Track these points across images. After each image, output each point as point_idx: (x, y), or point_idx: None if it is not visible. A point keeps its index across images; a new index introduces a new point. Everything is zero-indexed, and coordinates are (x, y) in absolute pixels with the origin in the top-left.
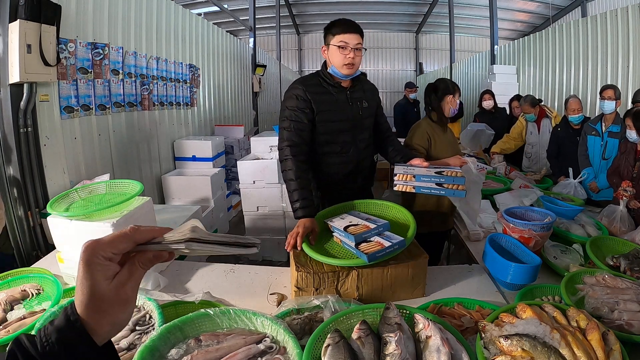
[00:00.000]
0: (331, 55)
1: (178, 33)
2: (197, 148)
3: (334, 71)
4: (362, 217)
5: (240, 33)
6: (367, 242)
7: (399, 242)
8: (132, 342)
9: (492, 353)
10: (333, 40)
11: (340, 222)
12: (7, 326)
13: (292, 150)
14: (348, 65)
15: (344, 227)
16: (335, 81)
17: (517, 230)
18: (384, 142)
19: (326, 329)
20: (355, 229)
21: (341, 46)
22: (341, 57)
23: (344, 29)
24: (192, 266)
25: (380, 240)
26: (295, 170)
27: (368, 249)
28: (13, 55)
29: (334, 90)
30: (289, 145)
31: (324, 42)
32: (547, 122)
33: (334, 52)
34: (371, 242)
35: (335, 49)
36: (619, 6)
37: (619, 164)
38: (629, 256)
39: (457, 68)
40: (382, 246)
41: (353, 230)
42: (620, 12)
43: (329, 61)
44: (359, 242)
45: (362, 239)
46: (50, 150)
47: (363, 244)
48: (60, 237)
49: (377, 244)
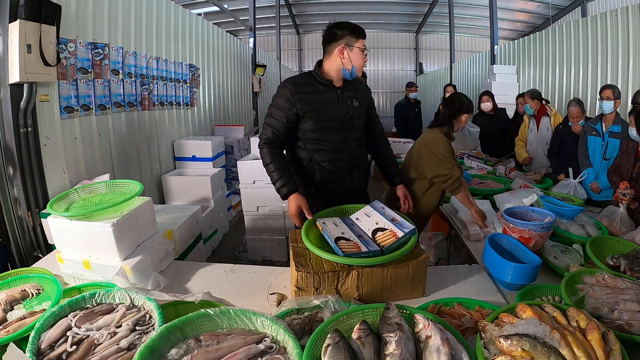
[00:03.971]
0: (354, 57)
1: (178, 33)
2: (197, 148)
3: (353, 72)
4: (358, 227)
5: (240, 33)
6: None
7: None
8: (132, 342)
9: (492, 353)
10: (357, 44)
11: (333, 228)
12: (7, 326)
13: (267, 141)
14: (362, 67)
15: (336, 237)
16: (326, 80)
17: (517, 230)
18: (376, 148)
19: (326, 329)
20: (346, 245)
21: (362, 49)
22: (363, 60)
23: (363, 34)
24: (192, 266)
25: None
26: (269, 154)
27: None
28: (13, 55)
29: (324, 89)
30: (265, 138)
31: (337, 42)
32: (546, 120)
33: (358, 55)
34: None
35: (359, 52)
36: (619, 6)
37: (619, 163)
38: (629, 256)
39: (457, 68)
40: (360, 249)
41: (344, 245)
42: (620, 12)
43: (347, 62)
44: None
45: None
46: (50, 150)
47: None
48: (60, 237)
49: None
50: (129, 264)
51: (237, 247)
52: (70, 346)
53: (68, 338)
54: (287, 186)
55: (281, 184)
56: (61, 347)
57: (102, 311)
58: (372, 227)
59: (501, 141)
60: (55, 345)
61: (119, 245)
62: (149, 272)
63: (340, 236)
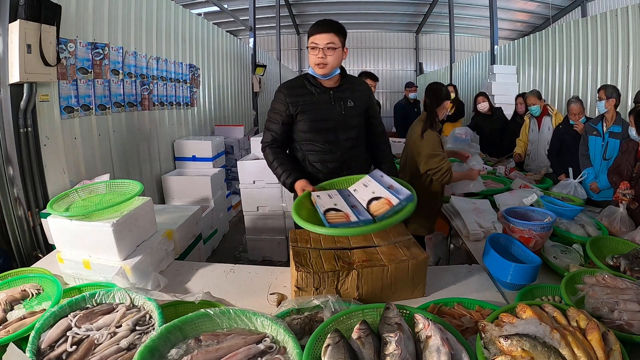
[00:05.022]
0: (309, 56)
1: (178, 33)
2: (197, 148)
3: (311, 71)
4: (353, 197)
5: (240, 33)
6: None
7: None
8: (132, 342)
9: (492, 353)
10: (308, 42)
11: (327, 200)
12: (7, 326)
13: (267, 144)
14: (319, 65)
15: (325, 209)
16: (317, 82)
17: (517, 230)
18: (373, 149)
19: (326, 329)
20: (335, 215)
21: (312, 47)
22: (312, 58)
23: (313, 30)
24: (192, 266)
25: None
26: (271, 154)
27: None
28: (13, 55)
29: (316, 91)
30: (266, 142)
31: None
32: (547, 120)
33: (309, 53)
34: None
35: (309, 50)
36: (619, 6)
37: (619, 163)
38: (629, 256)
39: (457, 68)
40: (348, 219)
41: (332, 217)
42: (620, 12)
43: (310, 61)
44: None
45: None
46: (50, 150)
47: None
48: (60, 237)
49: (385, 203)
50: (129, 264)
51: (237, 247)
52: (70, 346)
53: (68, 338)
54: (291, 177)
55: (285, 176)
56: (61, 347)
57: (102, 311)
58: (368, 197)
59: (500, 141)
60: (55, 345)
61: (119, 245)
62: (149, 272)
63: (331, 207)
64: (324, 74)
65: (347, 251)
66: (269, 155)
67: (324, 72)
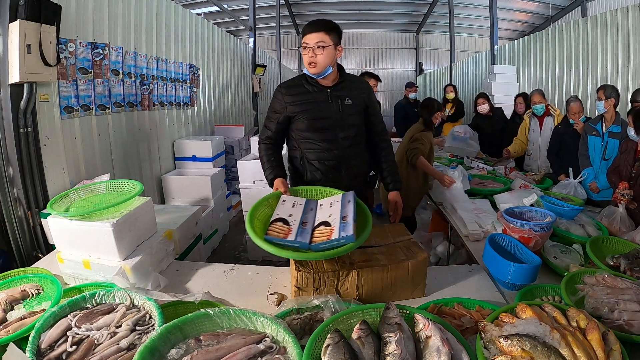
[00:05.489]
0: (303, 55)
1: (178, 33)
2: (197, 148)
3: (306, 71)
4: (313, 211)
5: (240, 33)
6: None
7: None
8: (132, 342)
9: (492, 353)
10: (302, 42)
11: (287, 208)
12: (7, 326)
13: (263, 140)
14: (311, 64)
15: (276, 218)
16: (315, 80)
17: (517, 230)
18: (371, 148)
19: (326, 329)
20: (278, 228)
21: (304, 47)
22: (304, 58)
23: (304, 31)
24: (192, 266)
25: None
26: (264, 149)
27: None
28: (13, 55)
29: (313, 90)
30: (261, 137)
31: None
32: (549, 120)
33: (302, 53)
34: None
35: (302, 50)
36: (619, 6)
37: (619, 163)
38: (629, 256)
39: (457, 68)
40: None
41: (274, 228)
42: (620, 12)
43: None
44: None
45: (275, 242)
46: (50, 150)
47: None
48: (60, 237)
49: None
50: (129, 264)
51: (237, 247)
52: (70, 346)
53: (68, 338)
54: (272, 173)
55: (268, 172)
56: (61, 347)
57: (102, 311)
58: (323, 218)
59: (500, 141)
60: (55, 345)
61: (119, 245)
62: (149, 272)
63: (282, 217)
64: (315, 73)
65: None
66: (261, 151)
67: (315, 72)
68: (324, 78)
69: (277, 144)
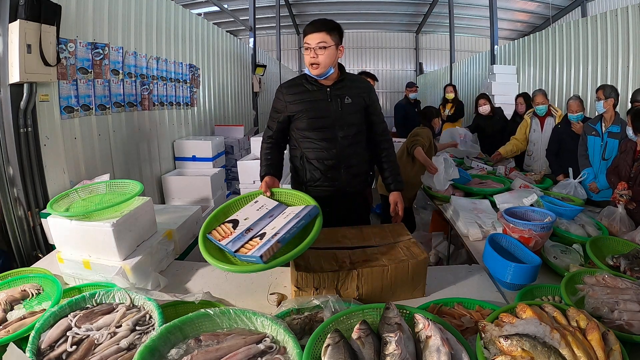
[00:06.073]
0: (304, 56)
1: (178, 33)
2: (197, 148)
3: (307, 71)
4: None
5: (240, 33)
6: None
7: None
8: (132, 342)
9: (492, 353)
10: (303, 43)
11: (251, 210)
12: (7, 326)
13: (265, 139)
14: (313, 65)
15: (231, 219)
16: (314, 80)
17: (517, 230)
18: (372, 147)
19: (326, 329)
20: (223, 230)
21: (305, 47)
22: (306, 58)
23: (305, 31)
24: (192, 266)
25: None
26: (264, 147)
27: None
28: (13, 55)
29: (312, 88)
30: (264, 136)
31: None
32: (551, 121)
33: (304, 54)
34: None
35: (304, 51)
36: (619, 6)
37: (618, 164)
38: (629, 256)
39: (457, 68)
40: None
41: (219, 231)
42: (620, 12)
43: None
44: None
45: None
46: (50, 150)
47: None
48: (60, 237)
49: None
50: (129, 264)
51: None
52: (70, 346)
53: (68, 338)
54: (263, 170)
55: (261, 169)
56: (61, 347)
57: (102, 311)
58: (267, 229)
59: (501, 141)
60: (55, 345)
61: (119, 245)
62: (149, 272)
63: (235, 219)
64: (317, 74)
65: (347, 251)
66: (262, 149)
67: (318, 73)
68: (325, 78)
69: (278, 144)
